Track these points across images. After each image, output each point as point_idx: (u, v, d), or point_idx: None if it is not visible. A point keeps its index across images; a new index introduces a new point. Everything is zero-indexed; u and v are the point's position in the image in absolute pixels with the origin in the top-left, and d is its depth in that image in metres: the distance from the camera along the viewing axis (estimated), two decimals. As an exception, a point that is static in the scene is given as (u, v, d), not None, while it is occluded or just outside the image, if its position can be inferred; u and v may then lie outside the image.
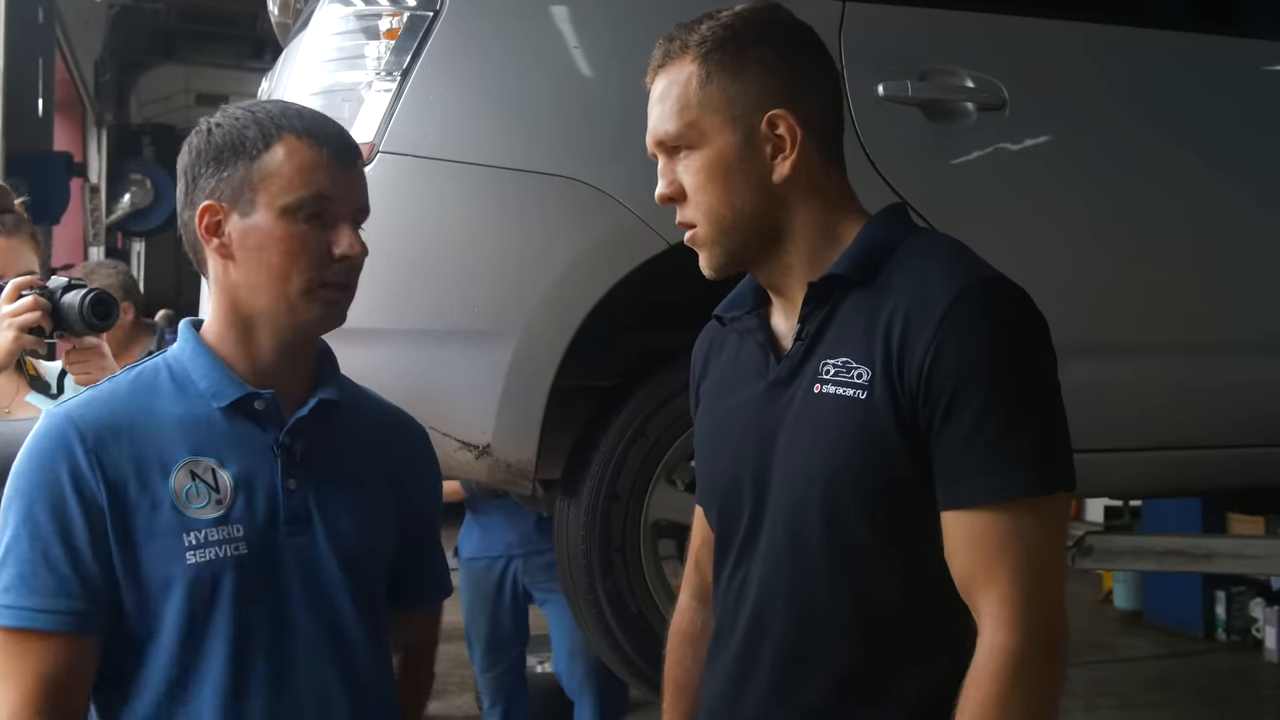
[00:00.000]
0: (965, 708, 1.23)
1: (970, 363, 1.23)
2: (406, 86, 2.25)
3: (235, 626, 1.34)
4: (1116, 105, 2.65)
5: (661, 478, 2.36)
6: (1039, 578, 1.24)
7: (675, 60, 1.37)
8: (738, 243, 1.36)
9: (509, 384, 2.24)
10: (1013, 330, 1.27)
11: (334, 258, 1.40)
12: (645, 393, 2.35)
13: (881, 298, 1.31)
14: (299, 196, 1.37)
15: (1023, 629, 1.22)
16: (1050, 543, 1.27)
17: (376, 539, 1.48)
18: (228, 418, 1.39)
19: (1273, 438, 2.86)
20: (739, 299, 1.49)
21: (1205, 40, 2.86)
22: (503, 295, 2.26)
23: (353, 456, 1.48)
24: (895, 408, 1.26)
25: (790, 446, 1.34)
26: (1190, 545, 2.88)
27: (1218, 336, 2.75)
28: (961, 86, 2.46)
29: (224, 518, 1.35)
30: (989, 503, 1.24)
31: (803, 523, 1.33)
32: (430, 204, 2.28)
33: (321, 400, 1.44)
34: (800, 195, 1.36)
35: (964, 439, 1.24)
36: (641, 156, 2.24)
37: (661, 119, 1.37)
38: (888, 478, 1.28)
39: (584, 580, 2.35)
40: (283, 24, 3.00)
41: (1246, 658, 6.54)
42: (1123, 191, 2.62)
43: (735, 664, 1.40)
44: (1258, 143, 2.79)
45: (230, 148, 1.39)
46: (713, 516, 1.47)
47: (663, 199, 1.40)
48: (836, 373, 1.31)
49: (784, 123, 1.34)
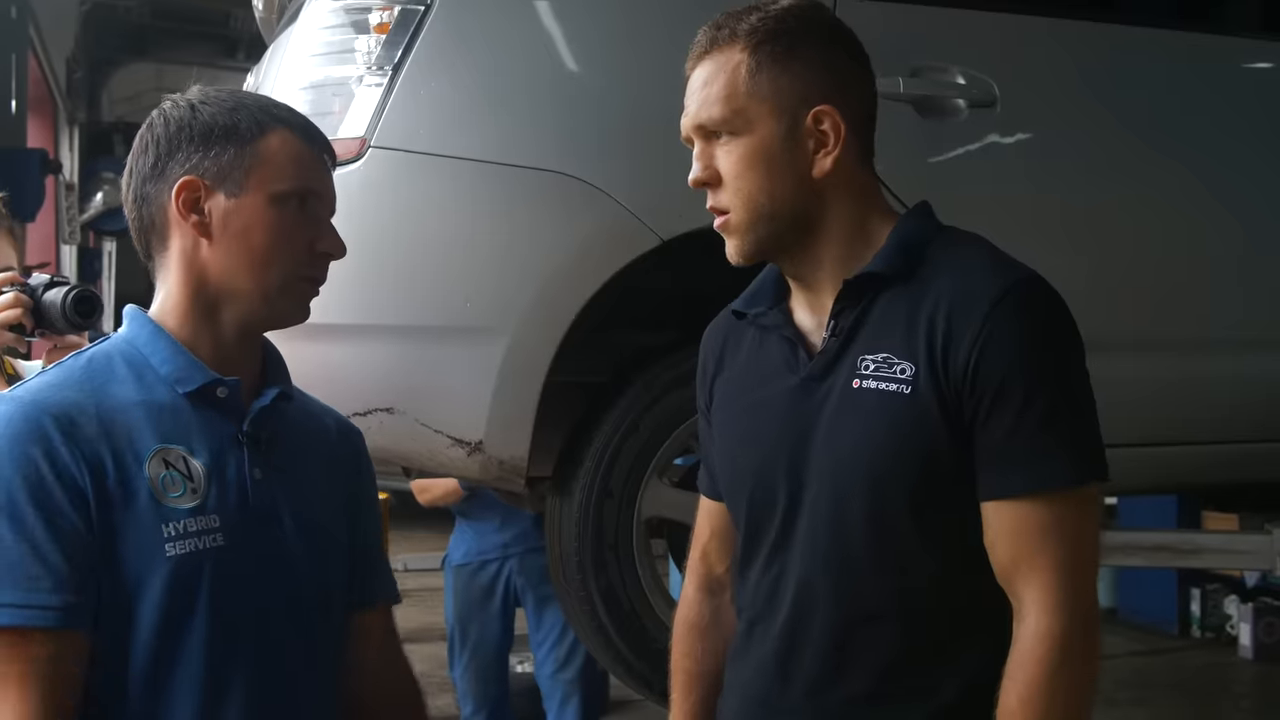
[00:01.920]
0: (1011, 690, 1.27)
1: (1015, 358, 1.28)
2: (398, 81, 2.23)
3: (213, 620, 1.31)
4: (1107, 102, 2.66)
5: (654, 475, 2.36)
6: (1079, 564, 1.29)
7: (723, 47, 1.38)
8: (771, 232, 1.38)
9: (501, 380, 2.22)
10: (1053, 327, 1.32)
11: (314, 253, 1.39)
12: (638, 389, 2.34)
13: (920, 294, 1.34)
14: (291, 186, 1.37)
15: (1066, 614, 1.27)
16: (1088, 530, 1.32)
17: (336, 534, 1.47)
18: (191, 404, 1.35)
19: (1250, 434, 2.89)
20: (759, 293, 1.50)
21: (1197, 39, 2.88)
22: (495, 291, 2.25)
23: (304, 452, 1.46)
24: (940, 402, 1.30)
25: (830, 441, 1.36)
26: (1178, 540, 2.90)
27: (1207, 332, 2.77)
28: (953, 83, 2.47)
29: (201, 508, 1.32)
30: (1031, 493, 1.28)
31: (846, 515, 1.35)
32: (421, 199, 2.27)
33: (280, 393, 1.42)
34: (837, 191, 1.38)
35: (1008, 432, 1.28)
36: (633, 152, 2.28)
37: (706, 104, 1.38)
38: (932, 469, 1.32)
39: (576, 578, 2.34)
40: (267, 20, 2.98)
41: (1221, 654, 6.59)
42: (1110, 188, 2.63)
43: (776, 655, 1.41)
44: (1244, 141, 2.81)
45: (222, 128, 1.37)
46: (740, 510, 1.48)
47: (697, 183, 1.41)
48: (877, 368, 1.34)
49: (829, 119, 1.36)
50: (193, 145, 1.37)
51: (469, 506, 3.86)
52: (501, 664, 3.97)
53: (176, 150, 1.38)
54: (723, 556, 1.59)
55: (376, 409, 2.23)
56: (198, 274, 1.38)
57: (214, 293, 1.38)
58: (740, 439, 1.48)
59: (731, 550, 1.56)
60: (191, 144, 1.37)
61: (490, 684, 3.90)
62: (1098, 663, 1.30)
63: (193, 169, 1.37)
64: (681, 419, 2.33)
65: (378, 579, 1.59)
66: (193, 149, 1.37)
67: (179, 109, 1.39)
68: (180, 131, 1.38)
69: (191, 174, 1.37)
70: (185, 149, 1.37)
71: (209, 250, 1.37)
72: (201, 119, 1.38)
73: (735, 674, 1.50)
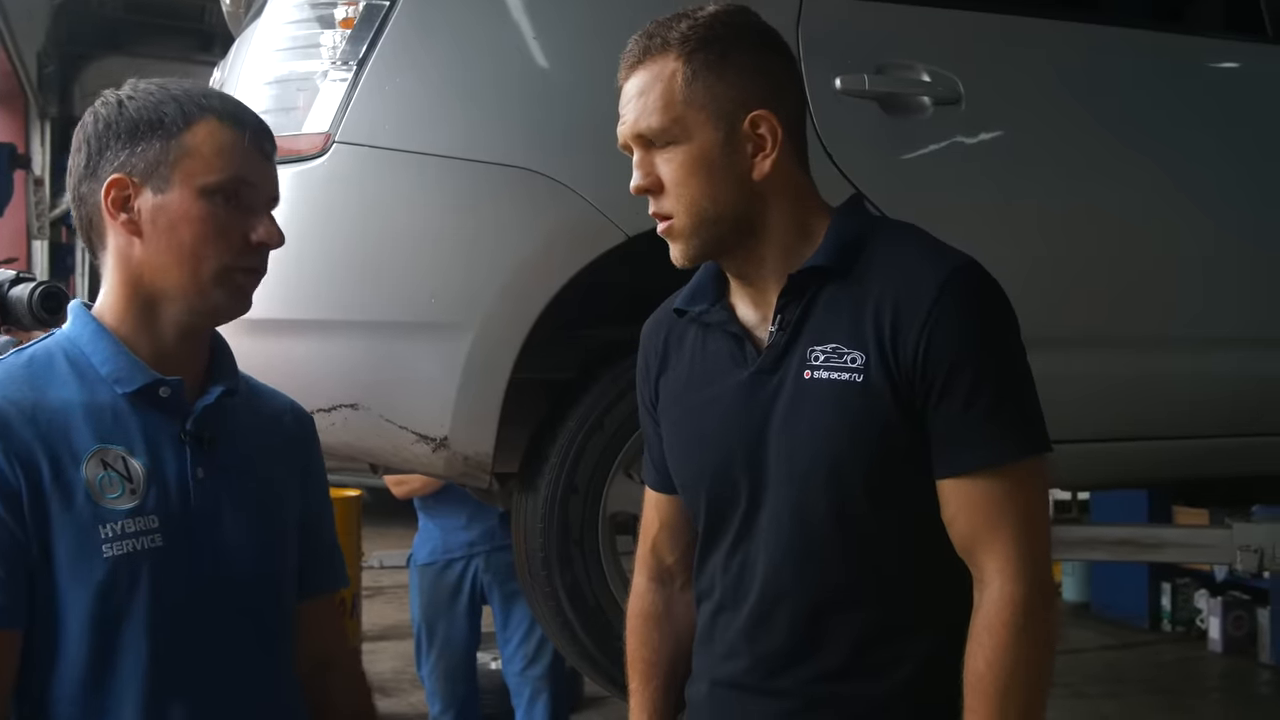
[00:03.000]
0: (978, 653, 1.34)
1: (961, 343, 1.34)
2: (363, 76, 2.22)
3: (153, 618, 1.31)
4: (1071, 100, 2.68)
5: (620, 471, 2.35)
6: (1035, 533, 1.36)
7: (656, 56, 1.40)
8: (715, 235, 1.42)
9: (466, 376, 2.22)
10: (992, 310, 1.38)
11: (250, 243, 1.38)
12: (603, 385, 2.34)
13: (865, 285, 1.39)
14: (219, 179, 1.36)
15: (1026, 579, 1.34)
16: (1040, 500, 1.40)
17: (283, 530, 1.46)
18: (132, 404, 1.35)
19: (1217, 429, 2.91)
20: (699, 291, 1.53)
21: (1161, 38, 2.90)
22: (460, 287, 2.24)
23: (252, 447, 1.46)
24: (892, 388, 1.35)
25: (786, 430, 1.40)
26: (1141, 535, 2.92)
27: (1171, 329, 2.79)
28: (918, 81, 2.47)
29: (139, 508, 1.31)
30: (985, 468, 1.35)
31: (808, 501, 1.40)
32: (386, 194, 2.25)
33: (225, 390, 1.41)
34: (776, 191, 1.42)
35: (959, 413, 1.35)
36: (599, 148, 2.26)
37: (644, 113, 1.40)
38: (887, 453, 1.37)
39: (542, 574, 2.33)
40: (234, 14, 2.96)
41: (1192, 648, 6.66)
42: (1075, 185, 2.65)
43: (744, 639, 1.45)
44: (1208, 140, 2.83)
45: (147, 122, 1.36)
46: (699, 504, 1.51)
47: (639, 190, 1.44)
48: (827, 358, 1.38)
49: (766, 123, 1.40)
50: (120, 142, 1.36)
51: (436, 504, 3.85)
52: (469, 663, 3.96)
53: (106, 148, 1.37)
54: (672, 547, 1.64)
55: (341, 405, 2.22)
56: (133, 273, 1.37)
57: (150, 291, 1.38)
58: (695, 435, 1.51)
59: (680, 541, 1.62)
60: (119, 141, 1.36)
61: (458, 683, 3.89)
62: (1059, 622, 1.40)
63: (120, 166, 1.36)
64: (647, 415, 2.33)
65: (327, 566, 1.58)
66: (120, 146, 1.36)
67: (108, 106, 1.38)
68: (108, 129, 1.37)
69: (120, 172, 1.36)
70: (114, 146, 1.37)
71: (141, 248, 1.37)
72: (128, 115, 1.37)
73: (703, 659, 1.54)
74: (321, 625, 1.57)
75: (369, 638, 5.97)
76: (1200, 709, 5.90)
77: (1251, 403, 2.87)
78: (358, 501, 5.16)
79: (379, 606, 6.98)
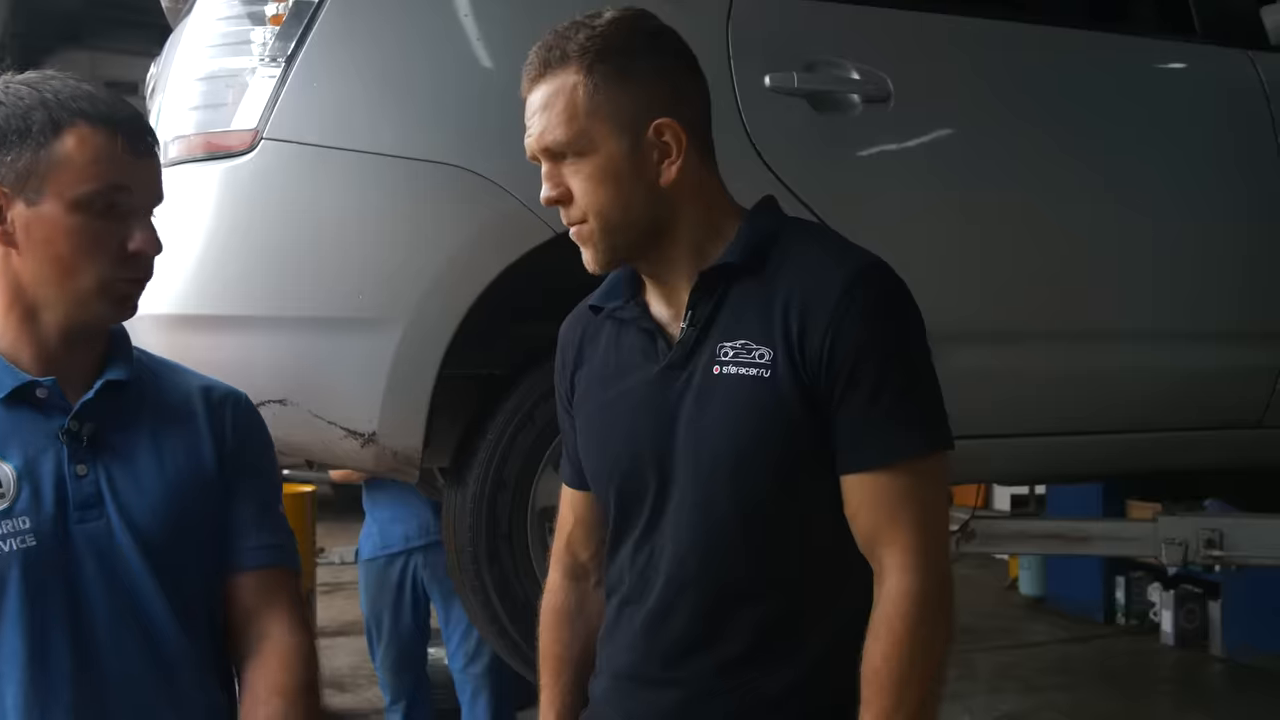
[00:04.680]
0: (875, 648, 1.35)
1: (864, 343, 1.36)
2: (291, 72, 2.22)
3: (28, 620, 1.31)
4: (1001, 99, 2.71)
5: (548, 465, 2.36)
6: (934, 527, 1.39)
7: (557, 69, 1.41)
8: (625, 240, 1.43)
9: (395, 371, 2.23)
10: (896, 310, 1.40)
11: (128, 253, 1.36)
12: (532, 380, 2.35)
13: (774, 283, 1.41)
14: (91, 189, 1.33)
15: (923, 574, 1.36)
16: (940, 495, 1.43)
17: (181, 517, 1.42)
18: (7, 409, 1.35)
19: (1155, 423, 2.95)
20: (613, 289, 1.55)
21: (1095, 37, 2.93)
22: (388, 283, 2.24)
23: (149, 434, 1.43)
24: (798, 384, 1.37)
25: (694, 424, 1.42)
26: (1068, 529, 2.97)
27: (1100, 324, 2.82)
28: (847, 79, 2.50)
29: (7, 511, 1.32)
30: (886, 465, 1.37)
31: (712, 494, 1.41)
32: (314, 191, 2.26)
33: (108, 382, 1.40)
34: (684, 195, 1.44)
35: (862, 410, 1.37)
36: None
37: (549, 127, 1.40)
38: (792, 448, 1.39)
39: (471, 568, 2.35)
40: (173, 9, 2.95)
41: (1145, 641, 6.73)
42: (1004, 183, 2.68)
43: (647, 631, 1.47)
44: (1140, 138, 2.87)
45: (15, 131, 1.32)
46: (609, 497, 1.52)
47: (549, 201, 1.44)
48: (736, 354, 1.40)
49: (670, 130, 1.41)
50: None
51: (376, 497, 3.87)
52: (419, 656, 3.98)
53: None
54: (587, 544, 1.64)
55: (270, 400, 2.21)
56: (12, 281, 1.36)
57: (30, 299, 1.37)
58: (605, 429, 1.52)
59: (595, 538, 1.61)
60: None
61: (406, 675, 3.91)
62: (953, 619, 1.39)
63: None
64: (576, 410, 2.35)
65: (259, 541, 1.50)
66: None
67: None
68: None
69: None
70: None
71: (18, 259, 1.35)
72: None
73: (605, 654, 1.55)
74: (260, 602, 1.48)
75: (326, 633, 5.97)
76: (1152, 700, 5.97)
77: (1177, 395, 2.91)
78: (311, 497, 5.16)
79: (338, 602, 6.96)
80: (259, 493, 1.53)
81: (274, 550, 1.52)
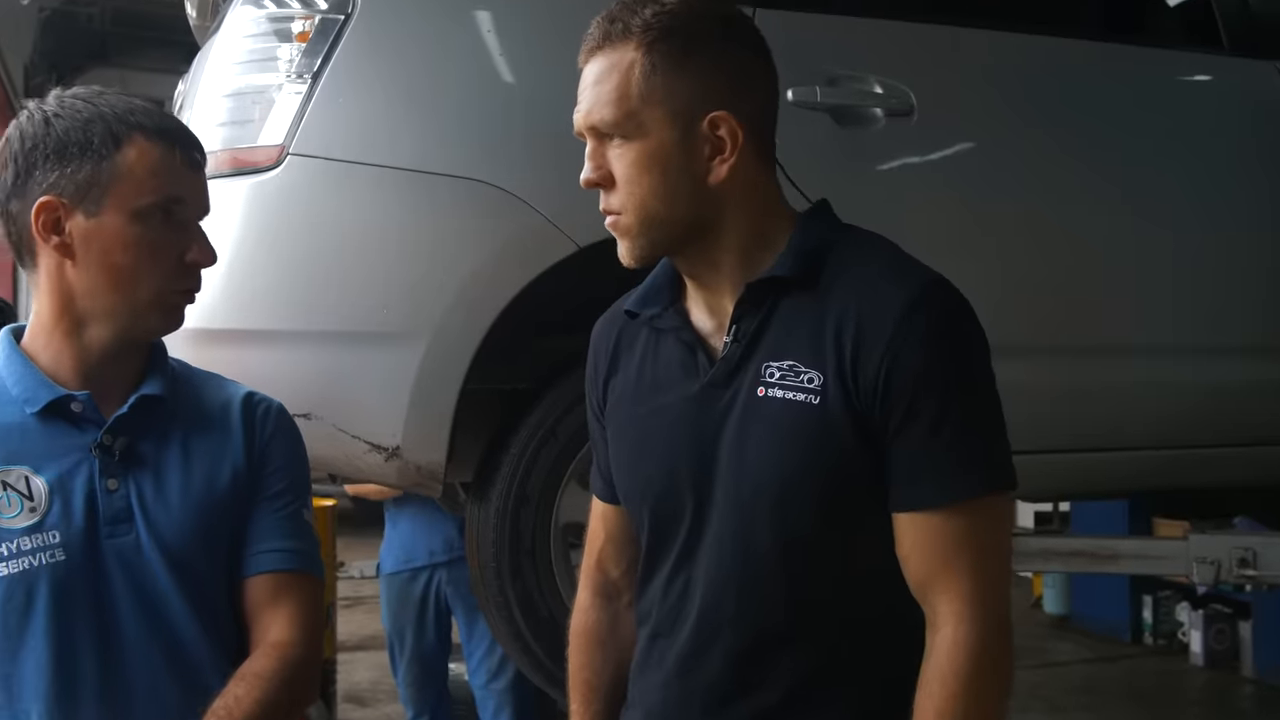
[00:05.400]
0: (927, 703, 1.25)
1: (924, 371, 1.25)
2: (317, 89, 2.24)
3: (56, 633, 1.31)
4: (1023, 112, 2.70)
5: (572, 480, 2.36)
6: (993, 574, 1.28)
7: (617, 43, 1.31)
8: (665, 236, 1.34)
9: (419, 386, 2.23)
10: (960, 335, 1.29)
11: (184, 264, 1.38)
12: (555, 395, 2.35)
13: (826, 300, 1.30)
14: (151, 200, 1.35)
15: (980, 623, 1.25)
16: (1000, 539, 1.31)
17: (207, 532, 1.43)
18: (42, 422, 1.36)
19: (1185, 440, 2.92)
20: (652, 293, 1.44)
21: (1115, 49, 2.92)
22: (413, 297, 2.25)
23: (180, 448, 1.44)
24: (849, 412, 1.27)
25: (736, 449, 1.32)
26: (1096, 546, 2.93)
27: (1131, 339, 2.80)
28: (870, 93, 2.49)
29: (37, 525, 1.32)
30: (944, 505, 1.26)
31: (752, 526, 1.31)
32: (340, 206, 2.27)
33: (142, 396, 1.41)
34: (734, 196, 1.33)
35: (919, 444, 1.26)
36: (551, 160, 2.29)
37: (598, 104, 1.32)
38: (841, 480, 1.28)
39: (494, 584, 2.34)
40: (201, 27, 2.99)
41: (1173, 662, 6.64)
42: (1029, 196, 2.66)
43: (680, 671, 1.38)
44: (1165, 151, 2.85)
45: (76, 144, 1.35)
46: (642, 518, 1.43)
47: (588, 183, 1.35)
48: (783, 376, 1.29)
49: (725, 125, 1.31)
50: (49, 163, 1.35)
51: (399, 510, 3.88)
52: (440, 671, 3.98)
53: (34, 168, 1.36)
54: (618, 561, 1.56)
55: (294, 415, 2.21)
56: (64, 294, 1.38)
57: (81, 312, 1.38)
58: (640, 447, 1.43)
59: (627, 554, 1.53)
60: (48, 161, 1.35)
61: (428, 690, 3.91)
62: (1011, 671, 1.30)
63: (51, 187, 1.35)
64: (599, 424, 2.35)
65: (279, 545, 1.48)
66: (49, 166, 1.35)
67: (33, 124, 1.37)
68: (35, 149, 1.36)
69: (50, 193, 1.35)
70: (42, 166, 1.35)
71: (73, 270, 1.37)
72: (55, 134, 1.36)
73: (638, 688, 1.46)
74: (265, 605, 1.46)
75: (346, 648, 5.96)
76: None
77: (1208, 412, 2.88)
78: (332, 511, 5.16)
79: (358, 616, 6.97)
80: (286, 499, 1.53)
81: (290, 555, 1.49)
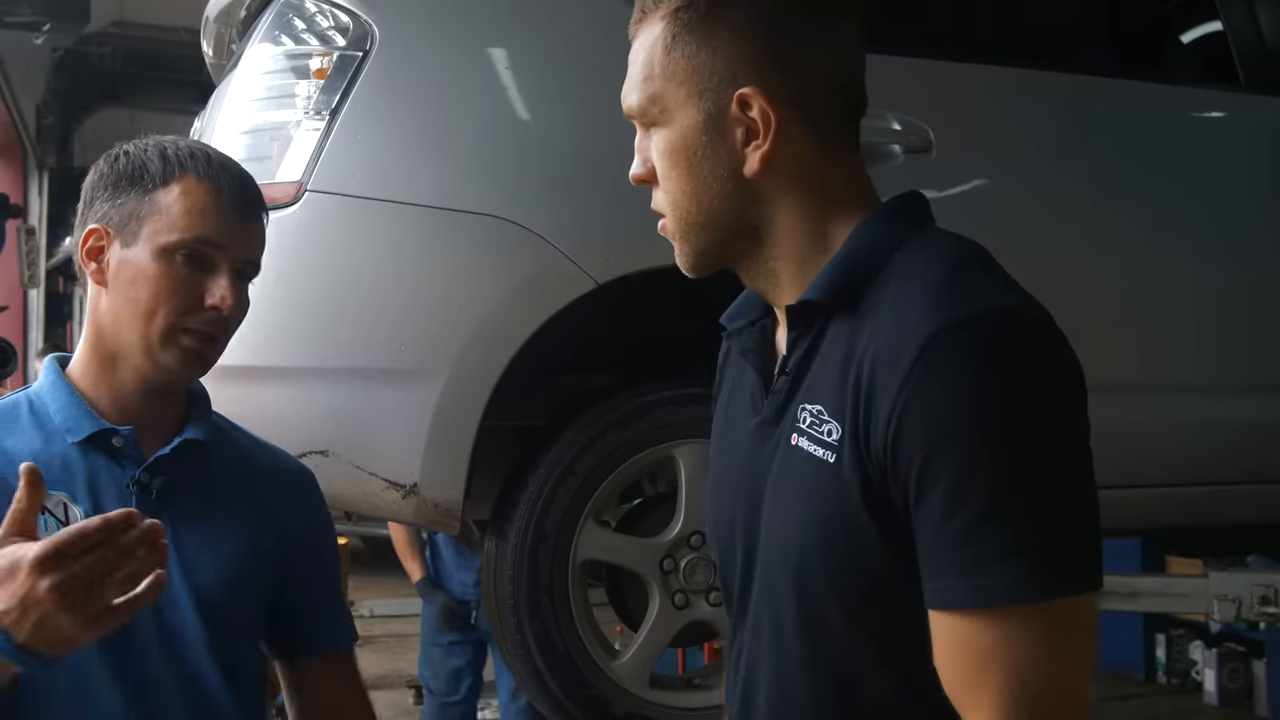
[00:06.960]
0: None
1: (940, 429, 0.96)
2: (335, 125, 2.24)
3: (81, 669, 1.29)
4: (1041, 149, 2.69)
5: (590, 518, 2.35)
6: (1035, 703, 0.96)
7: (651, 15, 1.13)
8: (707, 242, 1.13)
9: (436, 423, 2.22)
10: (998, 384, 0.96)
11: (203, 306, 1.37)
12: (573, 432, 2.34)
13: (860, 328, 1.05)
14: (180, 238, 1.36)
15: None
16: (1051, 659, 0.97)
17: (240, 583, 1.43)
18: (83, 453, 1.36)
19: (1203, 477, 2.90)
20: (745, 304, 1.24)
21: (1134, 86, 2.92)
22: (430, 334, 2.25)
23: (219, 498, 1.44)
24: (863, 479, 1.01)
25: (773, 509, 1.11)
26: (1116, 584, 2.90)
27: (1146, 377, 2.78)
28: (888, 129, 2.49)
29: None
30: (970, 608, 0.97)
31: (779, 605, 1.11)
32: (358, 242, 2.27)
33: (186, 440, 1.41)
34: (781, 190, 1.10)
35: (937, 525, 0.97)
36: (569, 196, 2.29)
37: (629, 88, 1.14)
38: (858, 563, 1.04)
39: (512, 621, 2.32)
40: (217, 65, 3.00)
41: (1187, 700, 6.58)
42: (1049, 234, 2.65)
43: None
44: (1186, 189, 2.84)
45: (130, 176, 1.38)
46: (716, 562, 1.26)
47: (636, 180, 1.18)
48: (811, 423, 1.06)
49: (756, 104, 1.08)
50: (106, 193, 1.39)
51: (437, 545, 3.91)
52: (470, 707, 4.00)
53: (95, 199, 1.40)
54: None
55: (311, 452, 2.21)
56: (98, 324, 1.40)
57: (110, 344, 1.39)
58: (714, 487, 1.26)
59: None
60: (106, 192, 1.39)
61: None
62: None
63: (102, 217, 1.38)
64: (616, 462, 2.34)
65: (319, 623, 1.56)
66: (105, 198, 1.39)
67: (108, 160, 1.41)
68: (101, 180, 1.40)
69: (99, 223, 1.38)
70: (100, 198, 1.39)
71: (105, 300, 1.38)
72: (118, 167, 1.39)
73: None
74: (324, 686, 1.55)
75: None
76: (1195, 762, 5.84)
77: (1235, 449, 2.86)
78: (344, 551, 5.15)
79: (370, 656, 6.93)
80: (325, 573, 1.58)
81: (342, 633, 1.58)
